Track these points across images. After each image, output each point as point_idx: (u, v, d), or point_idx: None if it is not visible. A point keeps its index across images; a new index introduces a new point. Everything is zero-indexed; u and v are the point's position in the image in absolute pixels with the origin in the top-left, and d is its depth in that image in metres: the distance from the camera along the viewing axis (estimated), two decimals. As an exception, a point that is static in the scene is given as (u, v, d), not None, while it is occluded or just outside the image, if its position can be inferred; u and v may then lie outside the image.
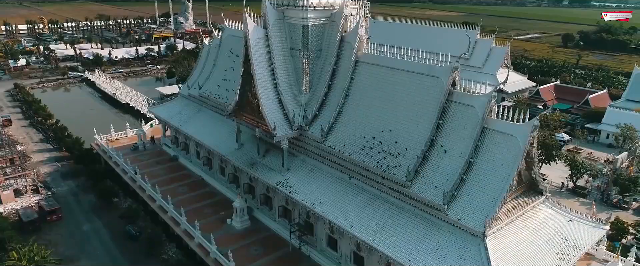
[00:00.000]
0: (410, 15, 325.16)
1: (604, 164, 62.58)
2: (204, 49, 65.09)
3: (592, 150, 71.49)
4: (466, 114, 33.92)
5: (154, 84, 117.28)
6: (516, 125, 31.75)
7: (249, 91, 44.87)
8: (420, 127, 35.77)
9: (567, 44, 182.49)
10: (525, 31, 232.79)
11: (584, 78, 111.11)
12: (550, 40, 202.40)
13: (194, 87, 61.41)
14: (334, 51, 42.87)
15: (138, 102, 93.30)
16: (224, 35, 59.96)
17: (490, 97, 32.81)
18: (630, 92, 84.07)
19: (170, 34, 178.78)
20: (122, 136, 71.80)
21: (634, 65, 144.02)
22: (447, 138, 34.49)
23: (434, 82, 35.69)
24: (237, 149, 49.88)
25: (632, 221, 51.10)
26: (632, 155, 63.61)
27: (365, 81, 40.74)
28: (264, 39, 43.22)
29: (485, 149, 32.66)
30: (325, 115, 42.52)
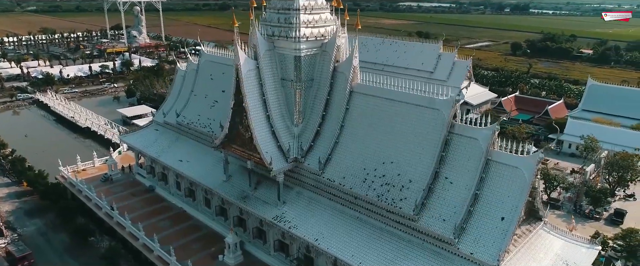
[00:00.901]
0: (364, 24, 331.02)
1: (572, 175, 65.86)
2: (178, 74, 62.76)
3: (558, 160, 75.12)
4: (469, 146, 34.53)
5: (113, 104, 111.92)
6: (521, 157, 32.66)
7: (240, 123, 43.64)
8: (423, 159, 36.05)
9: (516, 52, 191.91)
10: (475, 39, 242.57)
11: (538, 87, 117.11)
12: (499, 48, 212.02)
13: (171, 114, 59.01)
14: (327, 81, 42.53)
15: (100, 125, 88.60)
16: (201, 60, 58.14)
17: (493, 130, 33.60)
18: (585, 102, 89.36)
19: (123, 48, 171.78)
20: (89, 166, 67.81)
21: (578, 73, 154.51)
22: (451, 170, 34.95)
23: (435, 114, 36.14)
24: (225, 181, 48.27)
25: (604, 231, 53.97)
26: (597, 166, 67.35)
27: (361, 112, 40.66)
28: (255, 71, 42.24)
29: (491, 181, 33.38)
30: (320, 146, 42.00)
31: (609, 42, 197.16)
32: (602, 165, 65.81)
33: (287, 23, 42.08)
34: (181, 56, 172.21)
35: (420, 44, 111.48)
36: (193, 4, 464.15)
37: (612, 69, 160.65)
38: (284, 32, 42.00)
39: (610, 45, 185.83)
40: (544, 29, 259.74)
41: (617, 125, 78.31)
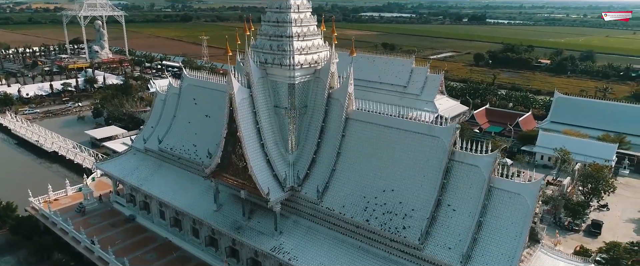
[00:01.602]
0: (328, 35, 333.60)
1: (548, 187, 68.12)
2: (157, 98, 60.71)
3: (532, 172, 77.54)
4: (471, 174, 34.97)
5: (79, 125, 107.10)
6: (523, 184, 33.37)
7: (233, 152, 42.61)
8: (425, 187, 36.21)
9: (479, 63, 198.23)
10: (438, 50, 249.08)
11: (505, 99, 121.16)
12: (462, 59, 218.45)
13: (152, 140, 56.92)
14: (322, 108, 42.20)
15: (68, 150, 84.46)
16: (183, 84, 56.46)
17: (495, 157, 34.19)
18: (553, 114, 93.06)
19: (85, 64, 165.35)
20: (61, 195, 64.33)
21: (539, 82, 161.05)
22: (453, 197, 35.26)
23: (435, 141, 36.45)
24: (216, 211, 46.86)
25: (584, 242, 56.06)
26: (572, 178, 70.01)
27: (358, 139, 40.51)
28: (248, 99, 41.41)
29: (494, 208, 33.89)
30: (317, 174, 41.51)
31: (565, 52, 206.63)
32: (576, 177, 68.45)
33: (281, 50, 41.55)
34: (147, 72, 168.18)
35: (394, 59, 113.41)
36: (153, 15, 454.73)
37: (569, 79, 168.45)
38: (277, 59, 41.41)
39: (566, 55, 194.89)
40: (503, 39, 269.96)
41: (585, 136, 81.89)
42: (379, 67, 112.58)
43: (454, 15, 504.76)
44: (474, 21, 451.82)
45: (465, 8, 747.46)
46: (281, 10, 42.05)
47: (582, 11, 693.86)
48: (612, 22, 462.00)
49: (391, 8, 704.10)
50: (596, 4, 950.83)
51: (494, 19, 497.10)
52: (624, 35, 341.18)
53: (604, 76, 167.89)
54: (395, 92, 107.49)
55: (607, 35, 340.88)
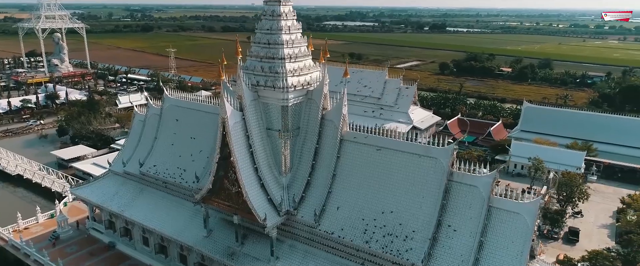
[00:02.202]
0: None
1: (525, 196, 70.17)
2: (136, 119, 58.57)
3: (508, 181, 79.82)
4: (470, 194, 35.47)
5: (42, 145, 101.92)
6: (521, 203, 34.11)
7: (226, 177, 41.52)
8: (424, 208, 36.42)
9: (444, 72, 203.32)
10: (404, 59, 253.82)
11: (474, 108, 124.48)
12: (428, 68, 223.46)
13: (132, 163, 54.78)
14: (315, 130, 41.87)
15: (34, 172, 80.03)
16: (164, 105, 54.76)
17: (493, 177, 34.82)
18: (523, 123, 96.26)
19: (45, 78, 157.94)
20: (32, 223, 60.82)
21: (503, 90, 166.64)
22: (453, 218, 35.63)
23: (433, 162, 36.78)
24: (206, 236, 45.47)
25: (564, 250, 57.98)
26: (547, 186, 72.44)
27: (354, 160, 40.38)
28: (241, 122, 40.54)
29: (494, 228, 34.47)
30: (313, 196, 41.04)
31: (524, 60, 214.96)
32: (551, 185, 70.86)
33: (273, 72, 40.98)
34: (111, 85, 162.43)
35: (368, 71, 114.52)
36: (112, 25, 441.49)
37: (530, 86, 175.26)
38: (270, 81, 40.80)
39: (525, 64, 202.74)
40: (464, 47, 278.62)
41: (554, 144, 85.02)
42: (353, 79, 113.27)
43: (415, 24, 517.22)
44: (435, 30, 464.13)
45: (425, 16, 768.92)
46: (272, 31, 41.57)
47: (534, 19, 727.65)
48: (562, 30, 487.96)
49: (353, 17, 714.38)
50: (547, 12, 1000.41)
51: (454, 27, 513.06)
52: (575, 43, 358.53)
53: (562, 83, 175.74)
54: (370, 103, 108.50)
55: (560, 42, 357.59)
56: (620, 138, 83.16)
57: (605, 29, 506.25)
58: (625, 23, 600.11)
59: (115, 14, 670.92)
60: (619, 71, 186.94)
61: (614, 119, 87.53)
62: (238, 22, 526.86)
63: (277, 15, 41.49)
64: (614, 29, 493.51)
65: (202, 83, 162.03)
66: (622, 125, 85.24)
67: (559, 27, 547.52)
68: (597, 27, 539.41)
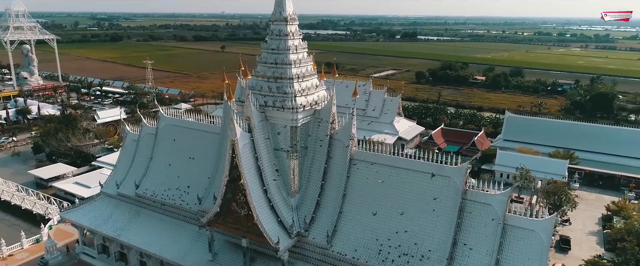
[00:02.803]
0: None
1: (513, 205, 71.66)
2: (128, 138, 56.79)
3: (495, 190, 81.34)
4: (484, 212, 35.88)
5: (16, 163, 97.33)
6: (536, 220, 34.72)
7: (234, 200, 40.65)
8: (439, 227, 36.59)
9: (420, 80, 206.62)
10: (380, 68, 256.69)
11: (455, 117, 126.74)
12: (404, 77, 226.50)
13: (126, 185, 52.99)
14: (324, 150, 41.57)
15: (13, 194, 76.25)
16: (160, 124, 53.31)
17: (508, 195, 35.34)
18: (505, 133, 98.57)
19: (14, 92, 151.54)
20: (17, 250, 57.88)
21: (478, 99, 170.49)
22: (469, 236, 35.92)
23: (446, 181, 37.07)
24: (211, 260, 44.29)
25: (557, 259, 59.38)
26: (535, 195, 74.20)
27: (365, 180, 40.26)
28: (250, 144, 39.83)
29: (510, 245, 34.92)
30: (323, 217, 40.64)
31: (496, 69, 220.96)
32: (540, 194, 72.65)
33: (281, 92, 40.53)
34: (85, 99, 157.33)
35: (352, 82, 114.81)
36: (79, 35, 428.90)
37: (504, 94, 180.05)
38: (279, 102, 40.31)
39: (498, 72, 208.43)
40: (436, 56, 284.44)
41: (538, 153, 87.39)
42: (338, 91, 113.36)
43: (387, 33, 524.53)
44: (407, 38, 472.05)
45: (395, 25, 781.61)
46: (279, 51, 41.18)
47: (499, 27, 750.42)
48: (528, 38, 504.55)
49: (325, 25, 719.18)
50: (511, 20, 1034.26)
51: (424, 35, 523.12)
52: (541, 51, 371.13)
53: (534, 91, 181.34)
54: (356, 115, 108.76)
55: (527, 50, 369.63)
56: (600, 146, 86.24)
57: (567, 36, 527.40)
58: (586, 31, 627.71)
59: (81, 22, 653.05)
60: (586, 79, 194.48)
61: (593, 128, 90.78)
62: (210, 31, 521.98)
63: (284, 34, 41.15)
64: (576, 37, 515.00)
65: (181, 96, 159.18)
66: (602, 134, 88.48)
67: (523, 35, 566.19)
68: (559, 34, 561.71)
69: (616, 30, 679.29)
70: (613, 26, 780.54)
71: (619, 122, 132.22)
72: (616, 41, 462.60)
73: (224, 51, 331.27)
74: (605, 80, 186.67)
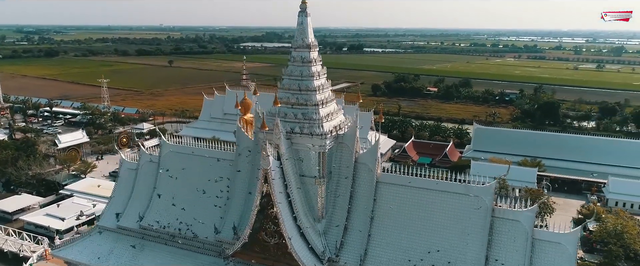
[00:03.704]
0: (219, 68, 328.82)
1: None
2: (123, 167, 53.98)
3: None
4: (513, 228, 37.91)
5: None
6: (562, 234, 37.17)
7: (263, 229, 40.08)
8: (471, 246, 38.12)
9: (376, 93, 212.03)
10: (334, 81, 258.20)
11: (421, 129, 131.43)
12: (360, 89, 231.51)
13: (128, 217, 50.37)
14: (350, 174, 42.04)
15: (-24, 231, 69.73)
16: (163, 151, 51.28)
17: (535, 211, 37.58)
18: (474, 143, 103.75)
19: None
20: (-2, 294, 53.07)
21: (435, 110, 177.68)
22: (500, 253, 37.71)
23: (476, 200, 38.80)
24: (234, 291, 43.11)
25: None
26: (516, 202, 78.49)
27: (392, 202, 41.10)
28: (280, 172, 39.54)
29: (539, 258, 37.09)
30: (353, 241, 40.97)
31: (446, 80, 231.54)
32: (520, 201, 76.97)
33: (307, 118, 40.67)
34: (32, 120, 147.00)
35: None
36: (9, 50, 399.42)
37: (457, 105, 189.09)
38: (307, 128, 40.38)
39: (449, 83, 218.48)
40: (387, 68, 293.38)
41: (508, 162, 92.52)
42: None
43: (333, 45, 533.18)
44: (353, 50, 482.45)
45: (338, 36, 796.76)
46: (303, 77, 41.38)
47: (437, 38, 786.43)
48: (466, 49, 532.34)
49: (270, 38, 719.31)
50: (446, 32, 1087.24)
51: (369, 47, 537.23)
52: (480, 61, 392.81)
53: (484, 101, 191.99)
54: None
55: (468, 61, 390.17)
56: (564, 153, 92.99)
57: (500, 47, 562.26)
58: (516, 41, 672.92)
59: (7, 36, 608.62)
60: (528, 88, 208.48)
61: (557, 137, 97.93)
62: (152, 45, 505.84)
63: (308, 61, 41.47)
64: (508, 48, 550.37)
65: (139, 114, 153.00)
66: (564, 142, 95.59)
67: (461, 46, 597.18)
68: (493, 45, 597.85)
69: (541, 40, 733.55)
70: (538, 37, 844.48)
71: (566, 128, 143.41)
72: (544, 51, 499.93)
73: (172, 66, 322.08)
74: (544, 89, 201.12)
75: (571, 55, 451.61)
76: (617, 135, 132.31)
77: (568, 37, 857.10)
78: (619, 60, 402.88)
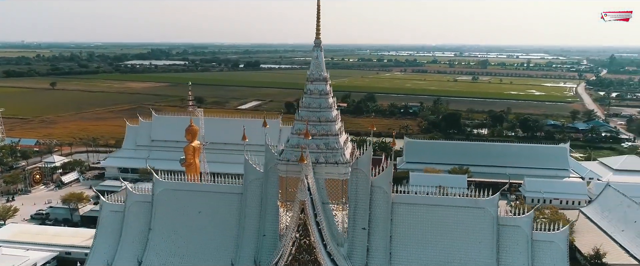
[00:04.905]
0: (111, 89, 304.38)
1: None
2: (104, 210, 49.99)
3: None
4: (515, 233, 43.73)
5: None
6: (554, 233, 43.82)
7: (295, 260, 40.77)
8: (483, 252, 43.13)
9: (290, 110, 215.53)
10: (243, 100, 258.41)
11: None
12: (272, 107, 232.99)
13: (121, 262, 46.74)
14: (366, 197, 44.61)
15: None
16: (156, 189, 48.65)
17: (532, 216, 43.84)
18: (407, 156, 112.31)
19: None
20: None
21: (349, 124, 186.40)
22: (506, 256, 43.26)
23: (482, 212, 44.00)
24: (261, 327, 42.77)
25: None
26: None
27: (407, 221, 44.62)
28: (311, 202, 40.62)
29: (538, 256, 43.29)
30: (376, 261, 43.55)
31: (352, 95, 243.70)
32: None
33: (330, 148, 42.46)
34: None
35: (259, 120, 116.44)
36: None
37: (368, 118, 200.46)
38: (331, 157, 42.10)
39: (355, 98, 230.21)
40: (291, 84, 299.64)
41: (440, 171, 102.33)
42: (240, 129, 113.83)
43: (228, 62, 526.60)
44: (250, 67, 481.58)
45: (229, 53, 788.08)
46: (322, 109, 43.18)
47: (327, 53, 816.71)
48: (356, 64, 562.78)
49: (157, 55, 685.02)
50: (331, 47, 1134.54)
51: (264, 63, 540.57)
52: (372, 76, 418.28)
53: (392, 114, 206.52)
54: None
55: (362, 76, 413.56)
56: (486, 160, 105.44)
57: (385, 62, 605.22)
58: (396, 56, 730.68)
59: None
60: (427, 100, 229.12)
61: (480, 146, 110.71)
62: (21, 65, 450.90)
63: (325, 93, 43.39)
64: (392, 62, 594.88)
65: (40, 146, 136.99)
66: (487, 150, 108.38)
67: (350, 61, 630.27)
68: (378, 60, 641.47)
69: (418, 54, 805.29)
70: (414, 51, 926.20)
71: (469, 136, 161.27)
72: (423, 65, 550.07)
73: (55, 89, 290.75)
74: (441, 101, 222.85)
75: (447, 68, 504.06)
76: (509, 140, 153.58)
77: (438, 51, 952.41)
78: (487, 72, 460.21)
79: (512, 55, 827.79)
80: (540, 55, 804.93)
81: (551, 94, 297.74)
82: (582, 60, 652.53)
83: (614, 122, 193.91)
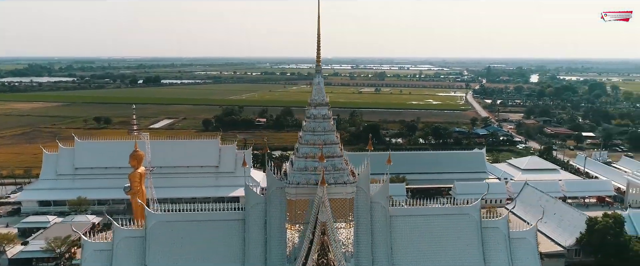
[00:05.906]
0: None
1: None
2: (87, 250, 46.39)
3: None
4: (495, 233, 49.77)
5: None
6: (525, 231, 50.67)
7: (314, 280, 42.09)
8: (472, 254, 48.47)
9: (209, 128, 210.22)
10: (153, 118, 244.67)
11: (283, 160, 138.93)
12: (187, 125, 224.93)
13: (117, 305, 43.86)
14: (367, 214, 47.54)
15: None
16: (149, 223, 46.51)
17: (506, 218, 50.22)
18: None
19: None
20: None
21: (274, 139, 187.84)
22: (491, 255, 49.06)
23: (467, 218, 49.39)
24: None
25: None
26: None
27: (405, 232, 48.51)
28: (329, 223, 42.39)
29: (515, 252, 49.72)
30: (381, 272, 46.45)
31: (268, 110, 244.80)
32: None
33: (336, 169, 44.69)
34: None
35: (198, 141, 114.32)
36: None
37: (290, 133, 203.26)
38: (339, 178, 44.25)
39: (272, 113, 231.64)
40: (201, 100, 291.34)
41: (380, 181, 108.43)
42: (181, 151, 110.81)
43: (124, 77, 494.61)
44: (150, 83, 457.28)
45: (121, 67, 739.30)
46: (326, 132, 45.28)
47: (226, 68, 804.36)
48: (261, 78, 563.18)
49: (37, 71, 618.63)
50: (231, 60, 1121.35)
51: (164, 78, 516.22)
52: (281, 90, 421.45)
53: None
54: (209, 173, 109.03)
55: (270, 90, 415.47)
56: (419, 168, 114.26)
57: (288, 75, 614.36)
58: (297, 69, 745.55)
59: None
60: (342, 112, 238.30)
61: (414, 155, 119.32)
62: None
63: (327, 117, 45.59)
64: (295, 75, 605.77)
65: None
66: (419, 158, 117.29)
67: (253, 75, 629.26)
68: (281, 73, 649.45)
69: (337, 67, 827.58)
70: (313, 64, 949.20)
71: (389, 146, 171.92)
72: (327, 77, 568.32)
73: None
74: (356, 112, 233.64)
75: (349, 81, 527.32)
76: (424, 147, 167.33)
77: (335, 63, 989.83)
78: (385, 83, 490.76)
79: (403, 66, 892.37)
80: (427, 67, 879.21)
81: (447, 103, 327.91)
82: (463, 70, 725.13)
83: (505, 126, 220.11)
